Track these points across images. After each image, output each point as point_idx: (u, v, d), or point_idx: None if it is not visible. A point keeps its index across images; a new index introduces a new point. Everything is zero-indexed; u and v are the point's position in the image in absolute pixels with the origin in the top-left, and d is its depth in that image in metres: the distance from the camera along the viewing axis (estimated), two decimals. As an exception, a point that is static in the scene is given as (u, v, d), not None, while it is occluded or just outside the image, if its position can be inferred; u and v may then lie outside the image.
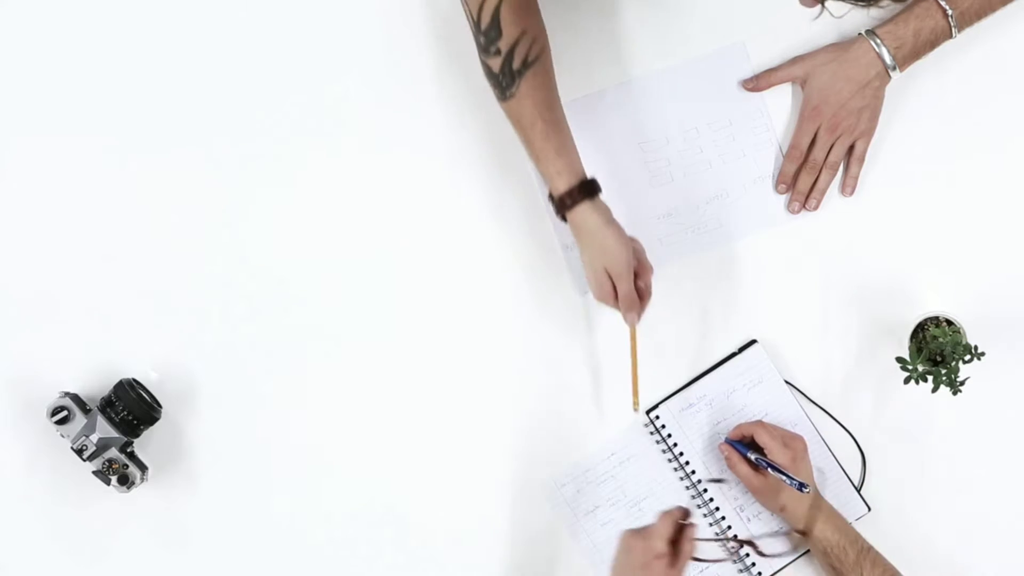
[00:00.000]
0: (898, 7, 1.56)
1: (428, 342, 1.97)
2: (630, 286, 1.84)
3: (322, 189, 1.98)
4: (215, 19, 1.98)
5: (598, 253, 1.83)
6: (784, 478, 1.85)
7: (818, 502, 1.88)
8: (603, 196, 1.87)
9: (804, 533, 1.89)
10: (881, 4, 1.55)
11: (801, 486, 1.84)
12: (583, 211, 1.82)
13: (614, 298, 1.86)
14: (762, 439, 1.89)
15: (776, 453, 1.87)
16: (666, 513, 1.76)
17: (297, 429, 1.97)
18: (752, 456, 1.89)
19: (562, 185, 1.82)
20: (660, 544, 1.72)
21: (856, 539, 1.87)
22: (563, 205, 1.83)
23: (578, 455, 1.98)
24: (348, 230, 1.98)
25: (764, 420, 1.95)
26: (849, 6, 1.57)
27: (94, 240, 1.98)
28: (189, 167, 1.98)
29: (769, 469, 1.87)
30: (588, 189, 1.83)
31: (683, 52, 1.97)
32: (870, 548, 1.87)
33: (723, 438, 1.95)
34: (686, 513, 1.77)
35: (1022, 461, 1.96)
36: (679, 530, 1.74)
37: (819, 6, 1.58)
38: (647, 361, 1.96)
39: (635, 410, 1.92)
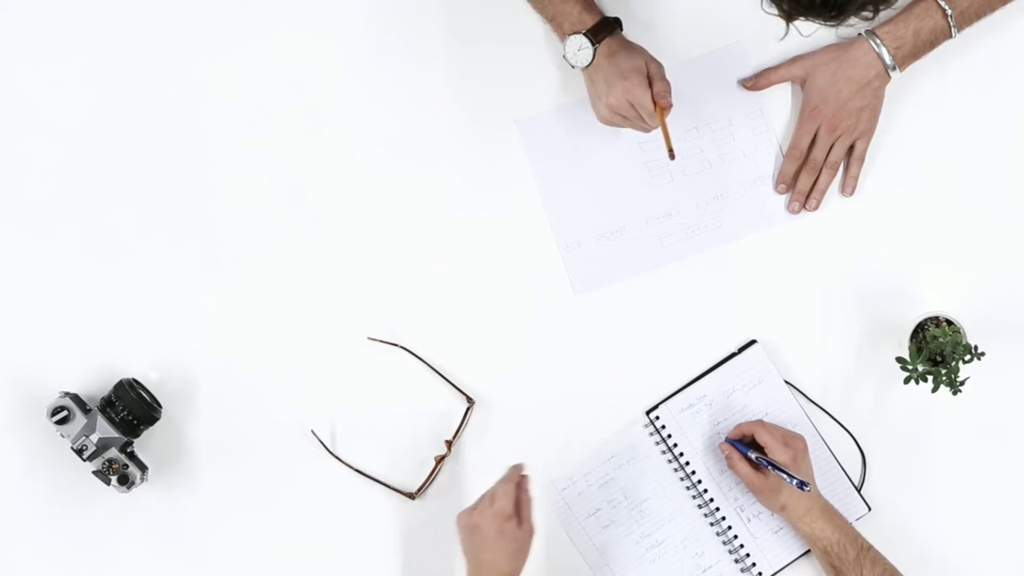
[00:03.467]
0: (865, 25, 1.60)
1: (427, 344, 1.97)
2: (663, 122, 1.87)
3: (323, 194, 1.99)
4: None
5: (628, 58, 1.86)
6: (785, 476, 1.85)
7: (818, 501, 1.88)
8: (603, 195, 1.89)
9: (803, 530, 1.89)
10: (849, 23, 1.56)
11: (802, 484, 1.84)
12: (614, 38, 1.87)
13: (646, 93, 1.85)
14: (762, 438, 1.89)
15: (777, 452, 1.87)
16: (505, 479, 1.84)
17: (297, 430, 1.97)
18: (753, 455, 1.89)
19: (589, 20, 1.86)
20: (508, 506, 1.81)
21: (856, 538, 1.87)
22: (597, 35, 1.86)
23: (578, 457, 1.97)
24: (348, 229, 1.98)
25: (764, 420, 1.95)
26: (817, 25, 1.58)
27: (94, 240, 1.98)
28: (188, 167, 1.98)
29: (770, 468, 1.86)
30: (614, 22, 1.88)
31: (683, 52, 1.97)
32: (870, 547, 1.87)
33: (723, 438, 1.95)
34: (519, 469, 1.86)
35: (1022, 461, 1.96)
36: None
37: (785, 26, 1.60)
38: (646, 360, 1.97)
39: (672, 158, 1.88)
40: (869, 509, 1.96)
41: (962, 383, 1.83)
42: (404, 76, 1.98)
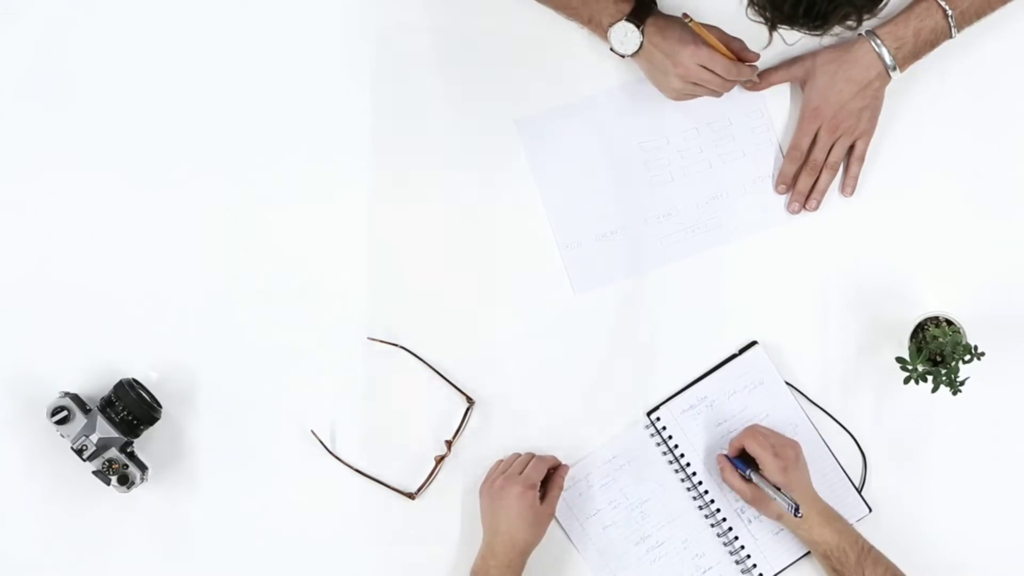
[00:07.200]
0: (864, 25, 1.62)
1: (427, 344, 1.97)
2: (725, 51, 1.87)
3: (321, 193, 1.99)
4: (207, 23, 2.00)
5: (681, 26, 1.85)
6: (777, 498, 1.84)
7: (816, 504, 1.88)
8: (603, 195, 1.90)
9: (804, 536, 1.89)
10: (832, 32, 1.57)
11: (795, 509, 1.82)
12: (655, 17, 1.87)
13: (712, 51, 1.86)
14: (752, 450, 1.88)
15: (767, 464, 1.86)
16: (540, 456, 1.93)
17: (297, 430, 1.97)
18: (747, 473, 1.88)
19: (626, 7, 1.87)
20: (535, 477, 1.90)
21: (856, 540, 1.86)
22: (638, 18, 1.86)
23: (579, 458, 1.97)
24: (347, 229, 1.99)
25: (759, 423, 1.94)
26: (801, 34, 1.59)
27: (94, 240, 1.98)
28: (187, 168, 1.99)
29: (762, 486, 1.86)
30: (650, 2, 1.88)
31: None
32: (871, 548, 1.86)
33: (722, 448, 1.94)
34: (558, 462, 1.95)
35: (1022, 461, 1.96)
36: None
37: (768, 34, 1.61)
38: (646, 361, 1.97)
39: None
40: (870, 510, 1.95)
41: (962, 383, 1.83)
42: (404, 76, 1.99)
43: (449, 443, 1.96)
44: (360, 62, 1.99)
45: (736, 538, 1.95)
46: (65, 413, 1.88)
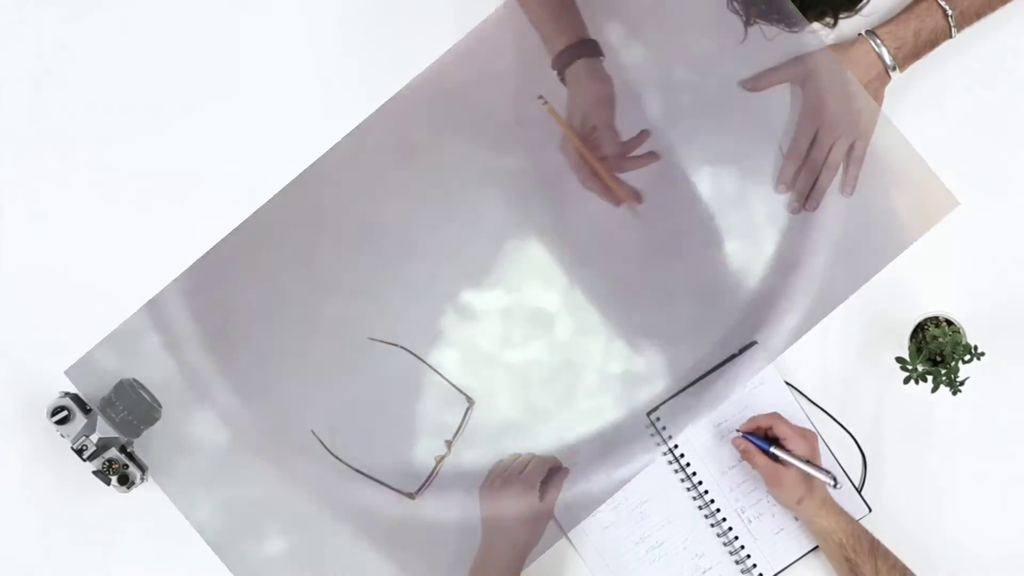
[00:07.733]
0: (865, 24, 1.61)
1: (427, 344, 1.97)
2: (610, 130, 1.88)
3: (320, 192, 1.98)
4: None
5: (578, 102, 1.86)
6: (812, 471, 1.85)
7: (829, 494, 1.89)
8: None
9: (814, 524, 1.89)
10: (810, 29, 1.57)
11: (835, 481, 1.85)
12: (577, 68, 1.87)
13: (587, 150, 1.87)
14: (782, 431, 1.87)
15: (798, 444, 1.86)
16: (540, 459, 1.94)
17: (298, 430, 1.97)
18: (773, 450, 1.88)
19: (560, 44, 1.87)
20: (534, 478, 1.91)
21: (864, 530, 1.87)
22: (561, 63, 1.86)
23: (578, 459, 1.97)
24: (346, 229, 1.98)
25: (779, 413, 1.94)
26: (778, 30, 1.59)
27: (95, 240, 1.98)
28: (188, 168, 1.99)
29: (796, 463, 1.85)
30: (586, 49, 1.86)
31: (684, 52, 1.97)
32: (878, 542, 1.87)
33: (734, 432, 1.93)
34: (558, 463, 1.95)
35: (1022, 461, 1.96)
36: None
37: (744, 29, 1.61)
38: (647, 360, 1.96)
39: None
40: (870, 510, 1.95)
41: (962, 383, 1.83)
42: (404, 76, 1.99)
43: (449, 443, 1.96)
44: (358, 61, 1.99)
45: (736, 538, 1.95)
46: (65, 413, 1.88)
